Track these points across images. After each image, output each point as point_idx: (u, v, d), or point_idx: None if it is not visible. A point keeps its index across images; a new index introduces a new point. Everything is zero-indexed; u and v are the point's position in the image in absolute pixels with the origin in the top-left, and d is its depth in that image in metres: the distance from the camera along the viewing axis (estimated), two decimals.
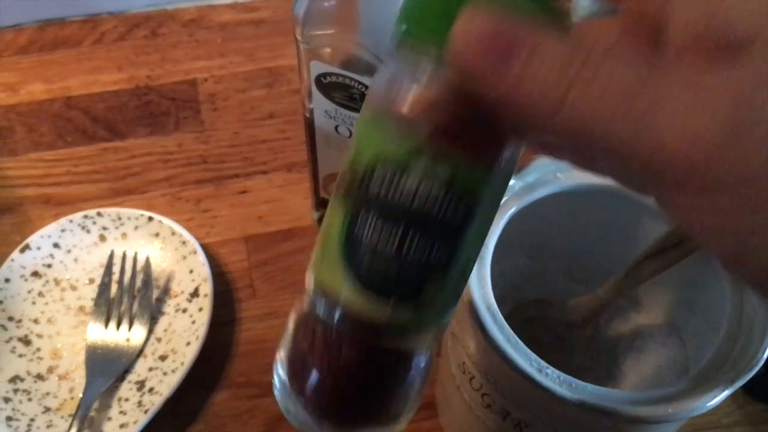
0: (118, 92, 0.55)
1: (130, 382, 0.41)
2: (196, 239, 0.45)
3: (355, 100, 0.35)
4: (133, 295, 0.44)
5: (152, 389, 0.40)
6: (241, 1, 0.60)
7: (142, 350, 0.42)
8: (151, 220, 0.46)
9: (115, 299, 0.44)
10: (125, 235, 0.46)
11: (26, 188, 0.50)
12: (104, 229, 0.46)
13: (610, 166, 0.17)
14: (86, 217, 0.46)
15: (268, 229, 0.49)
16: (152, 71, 0.56)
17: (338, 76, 0.34)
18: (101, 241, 0.46)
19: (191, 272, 0.44)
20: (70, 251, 0.45)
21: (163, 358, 0.42)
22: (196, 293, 0.43)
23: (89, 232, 0.46)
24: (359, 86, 0.34)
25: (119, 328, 0.43)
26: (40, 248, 0.45)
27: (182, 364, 0.40)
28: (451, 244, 0.22)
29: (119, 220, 0.46)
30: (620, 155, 0.15)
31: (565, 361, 0.30)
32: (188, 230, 0.45)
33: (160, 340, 0.43)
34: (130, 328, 0.43)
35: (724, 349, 0.29)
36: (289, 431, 0.40)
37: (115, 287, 0.44)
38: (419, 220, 0.21)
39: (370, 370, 0.25)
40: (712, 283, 0.33)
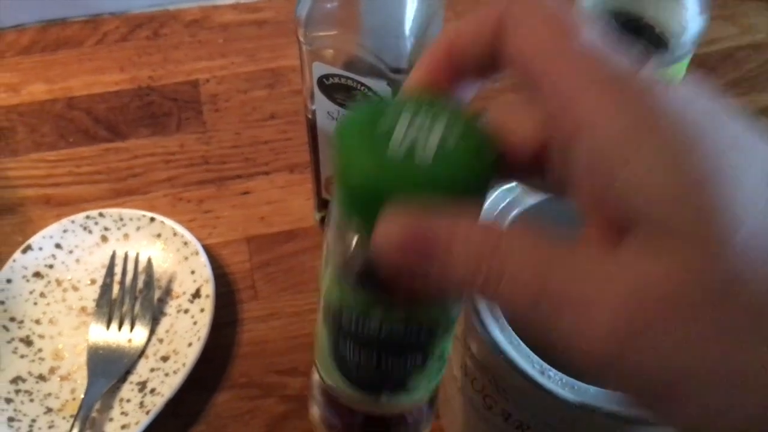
0: (119, 93, 0.55)
1: (131, 382, 0.41)
2: (197, 240, 0.45)
3: (357, 101, 0.35)
4: (134, 295, 0.44)
5: (154, 390, 0.40)
6: (243, 1, 0.60)
7: (143, 351, 0.42)
8: (153, 220, 0.46)
9: (116, 300, 0.44)
10: (127, 235, 0.46)
11: (28, 189, 0.50)
12: (106, 229, 0.46)
13: None
14: (88, 217, 0.46)
15: (270, 230, 0.49)
16: (154, 72, 0.56)
17: (340, 77, 0.34)
18: (103, 241, 0.46)
19: (193, 273, 0.44)
20: (71, 252, 0.45)
21: (164, 358, 0.42)
22: (197, 294, 0.43)
23: (91, 232, 0.46)
24: (361, 87, 0.34)
25: (121, 328, 0.43)
26: (41, 249, 0.45)
27: (184, 365, 0.40)
28: (423, 352, 0.25)
29: (121, 220, 0.46)
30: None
31: (567, 362, 0.30)
32: (190, 231, 0.45)
33: (161, 341, 0.43)
34: (131, 328, 0.43)
35: None
36: None
37: (116, 288, 0.44)
38: (389, 346, 0.24)
39: (376, 426, 0.30)
40: None
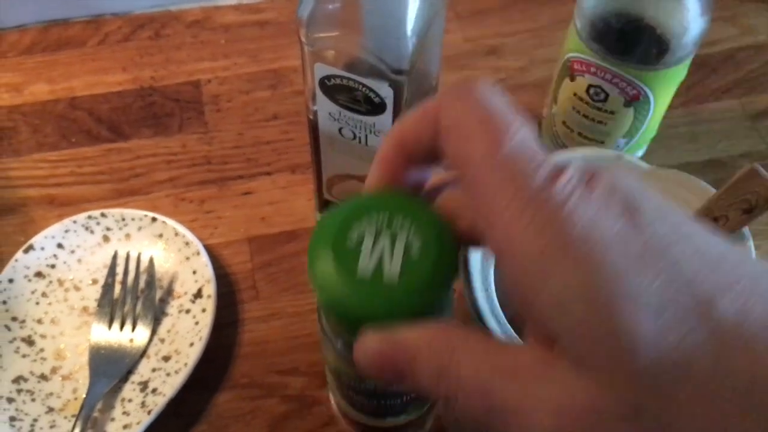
0: (122, 93, 0.55)
1: (133, 382, 0.41)
2: (199, 240, 0.45)
3: (359, 102, 0.35)
4: (136, 295, 0.44)
5: (155, 390, 0.40)
6: (245, 2, 0.61)
7: (145, 351, 0.42)
8: (154, 220, 0.46)
9: (118, 300, 0.44)
10: (129, 235, 0.46)
11: (30, 189, 0.50)
12: (108, 229, 0.46)
13: None
14: (90, 217, 0.46)
15: (271, 230, 0.49)
16: (156, 72, 0.56)
17: (342, 78, 0.34)
18: (105, 241, 0.46)
19: (195, 273, 0.44)
20: (73, 252, 0.45)
21: (166, 358, 0.42)
22: (199, 294, 0.43)
23: (93, 232, 0.46)
24: (363, 89, 0.34)
25: (123, 328, 0.43)
26: (43, 249, 0.45)
27: (185, 365, 0.40)
28: (418, 397, 0.29)
29: (123, 220, 0.46)
30: None
31: None
32: (192, 231, 0.46)
33: (163, 340, 0.43)
34: (133, 328, 0.43)
35: None
36: None
37: (118, 288, 0.44)
38: (386, 395, 0.28)
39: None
40: None
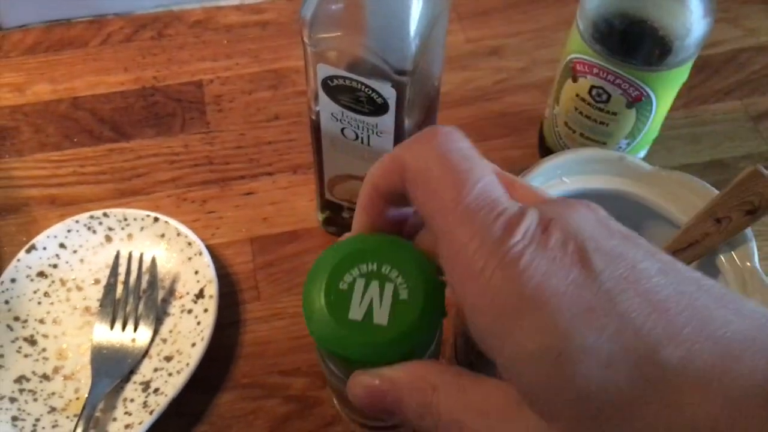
0: (124, 93, 0.55)
1: (135, 382, 0.41)
2: (201, 240, 0.45)
3: (361, 103, 0.35)
4: (138, 295, 0.44)
5: (157, 390, 0.40)
6: (247, 2, 0.61)
7: (147, 351, 0.42)
8: (156, 221, 0.46)
9: (120, 300, 0.44)
10: (131, 235, 0.46)
11: (32, 188, 0.50)
12: (110, 229, 0.46)
13: None
14: (92, 217, 0.46)
15: (273, 230, 0.49)
16: (158, 72, 0.56)
17: (345, 79, 0.34)
18: (107, 241, 0.46)
19: (196, 273, 0.44)
20: (76, 252, 0.46)
21: (168, 358, 0.42)
22: (201, 294, 0.44)
23: (95, 232, 0.46)
24: (366, 89, 0.34)
25: (125, 328, 0.43)
26: (46, 248, 0.45)
27: (187, 365, 0.40)
28: None
29: (125, 220, 0.46)
30: None
31: None
32: (194, 231, 0.46)
33: (165, 341, 0.43)
34: (135, 328, 0.43)
35: None
36: None
37: (120, 288, 0.44)
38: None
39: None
40: None
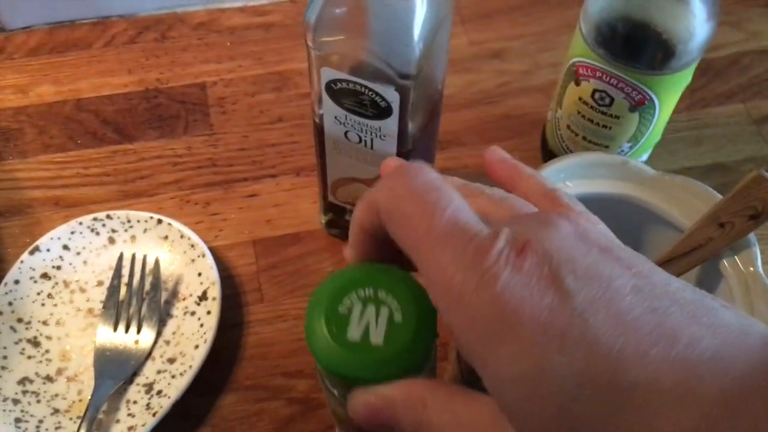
0: (128, 95, 0.55)
1: (138, 384, 0.41)
2: (204, 242, 0.45)
3: (365, 106, 0.35)
4: (141, 297, 0.44)
5: (160, 392, 0.40)
6: (250, 4, 0.61)
7: (150, 353, 0.42)
8: (160, 222, 0.46)
9: (123, 302, 0.44)
10: (134, 237, 0.46)
11: (36, 190, 0.51)
12: (113, 231, 0.46)
13: None
14: (96, 219, 0.46)
15: (276, 232, 0.49)
16: (162, 74, 0.56)
17: (348, 82, 0.35)
18: (110, 243, 0.46)
19: (200, 275, 0.44)
20: (79, 253, 0.46)
21: (171, 360, 0.42)
22: (204, 296, 0.44)
23: (98, 234, 0.46)
24: (370, 93, 0.34)
25: (128, 330, 0.43)
26: (49, 250, 0.45)
27: (190, 367, 0.41)
28: None
29: (128, 222, 0.46)
30: None
31: None
32: (197, 233, 0.46)
33: (168, 342, 0.43)
34: (138, 330, 0.43)
35: None
36: None
37: (124, 290, 0.44)
38: None
39: None
40: (721, 291, 0.33)
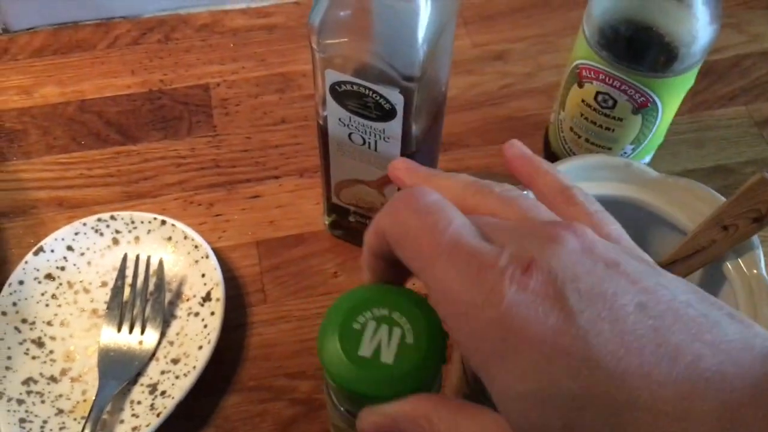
0: (131, 96, 0.56)
1: (142, 385, 0.42)
2: (208, 243, 0.45)
3: (369, 108, 0.35)
4: (145, 298, 0.44)
5: (164, 392, 0.41)
6: (253, 6, 0.61)
7: (154, 353, 0.43)
8: (163, 223, 0.46)
9: (127, 302, 0.44)
10: (138, 238, 0.46)
11: (40, 191, 0.51)
12: (117, 232, 0.46)
13: None
14: (100, 220, 0.46)
15: (279, 233, 0.49)
16: (165, 75, 0.57)
17: (353, 84, 0.35)
18: (114, 244, 0.46)
19: (203, 276, 0.45)
20: (83, 254, 0.46)
21: (175, 361, 0.42)
22: (208, 297, 0.44)
23: (102, 235, 0.46)
24: (374, 95, 0.35)
25: (132, 331, 0.43)
26: (53, 251, 0.45)
27: (194, 367, 0.41)
28: None
29: (132, 223, 0.46)
30: None
31: None
32: (200, 234, 0.46)
33: (172, 343, 0.43)
34: (142, 331, 0.43)
35: None
36: None
37: (127, 290, 0.44)
38: None
39: None
40: (724, 294, 0.33)
